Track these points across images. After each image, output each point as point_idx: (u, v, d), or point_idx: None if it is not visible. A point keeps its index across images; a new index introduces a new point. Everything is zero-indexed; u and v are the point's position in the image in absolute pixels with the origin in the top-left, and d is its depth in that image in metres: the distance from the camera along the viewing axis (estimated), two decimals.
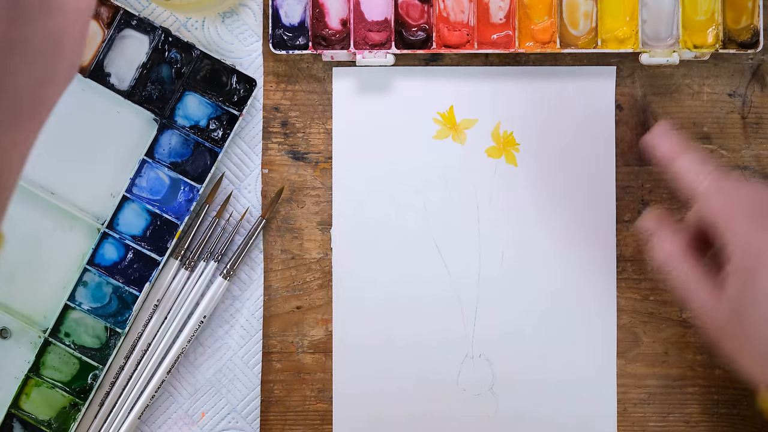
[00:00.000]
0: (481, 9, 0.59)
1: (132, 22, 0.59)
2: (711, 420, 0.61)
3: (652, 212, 0.52)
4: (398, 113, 0.61)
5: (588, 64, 0.61)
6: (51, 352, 0.59)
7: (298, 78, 0.61)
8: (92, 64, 0.59)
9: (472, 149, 0.61)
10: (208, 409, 0.61)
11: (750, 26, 0.59)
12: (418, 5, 0.60)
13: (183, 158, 0.59)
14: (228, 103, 0.59)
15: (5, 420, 0.59)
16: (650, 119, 0.61)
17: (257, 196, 0.61)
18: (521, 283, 0.61)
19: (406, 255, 0.61)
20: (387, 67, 0.61)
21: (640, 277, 0.61)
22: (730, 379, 0.61)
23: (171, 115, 0.59)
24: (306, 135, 0.61)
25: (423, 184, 0.61)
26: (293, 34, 0.60)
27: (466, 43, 0.60)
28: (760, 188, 0.44)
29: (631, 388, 0.61)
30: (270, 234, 0.61)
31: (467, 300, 0.61)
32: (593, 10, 0.59)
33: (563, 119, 0.61)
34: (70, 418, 0.59)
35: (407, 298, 0.61)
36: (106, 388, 0.60)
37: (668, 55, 0.59)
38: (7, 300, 0.60)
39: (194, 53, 0.59)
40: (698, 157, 0.49)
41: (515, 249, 0.61)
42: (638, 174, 0.61)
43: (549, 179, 0.61)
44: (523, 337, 0.61)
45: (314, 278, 0.61)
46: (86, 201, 0.60)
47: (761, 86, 0.61)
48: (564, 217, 0.61)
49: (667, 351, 0.61)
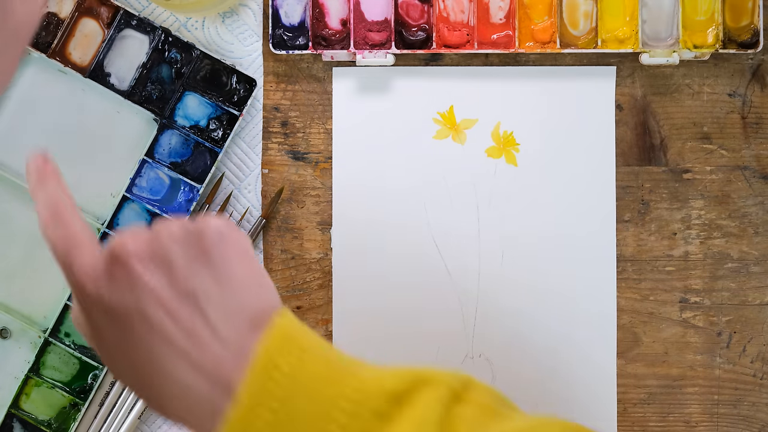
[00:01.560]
0: (481, 9, 0.59)
1: (132, 22, 0.59)
2: (711, 420, 0.61)
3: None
4: (398, 113, 0.61)
5: (588, 64, 0.61)
6: (51, 352, 0.59)
7: (298, 78, 0.61)
8: (92, 64, 0.59)
9: (472, 149, 0.61)
10: None
11: (750, 26, 0.59)
12: (418, 5, 0.60)
13: (183, 158, 0.59)
14: (228, 103, 0.59)
15: (5, 420, 0.59)
16: (650, 119, 0.61)
17: (257, 196, 0.61)
18: (521, 282, 0.61)
19: (406, 255, 0.61)
20: (387, 67, 0.61)
21: (640, 277, 0.61)
22: (730, 379, 0.61)
23: (171, 115, 0.59)
24: (306, 135, 0.61)
25: (423, 184, 0.61)
26: (293, 34, 0.60)
27: (466, 43, 0.60)
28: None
29: (631, 388, 0.61)
30: (270, 234, 0.61)
31: (467, 300, 0.61)
32: (593, 10, 0.59)
33: (563, 119, 0.61)
34: (70, 418, 0.59)
35: (407, 298, 0.61)
36: (106, 388, 0.60)
37: (668, 55, 0.59)
38: (7, 300, 0.60)
39: (194, 53, 0.59)
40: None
41: (515, 249, 0.61)
42: (638, 174, 0.61)
43: (549, 179, 0.61)
44: (523, 337, 0.61)
45: (314, 278, 0.61)
46: (86, 201, 0.60)
47: (761, 86, 0.61)
48: (564, 218, 0.61)
49: (667, 351, 0.61)
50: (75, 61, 0.59)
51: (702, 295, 0.61)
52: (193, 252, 0.40)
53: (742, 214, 0.61)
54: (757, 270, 0.61)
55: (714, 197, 0.61)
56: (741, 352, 0.61)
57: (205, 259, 0.40)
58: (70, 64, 0.59)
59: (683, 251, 0.61)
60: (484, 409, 0.40)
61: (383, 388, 0.38)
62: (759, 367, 0.61)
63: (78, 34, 0.59)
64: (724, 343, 0.61)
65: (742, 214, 0.61)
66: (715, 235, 0.61)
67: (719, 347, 0.61)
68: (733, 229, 0.61)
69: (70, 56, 0.59)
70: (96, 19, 0.59)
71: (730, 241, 0.61)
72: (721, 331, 0.61)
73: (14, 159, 0.60)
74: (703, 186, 0.61)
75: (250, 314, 0.39)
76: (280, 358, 0.38)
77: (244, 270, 0.41)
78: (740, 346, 0.61)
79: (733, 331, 0.61)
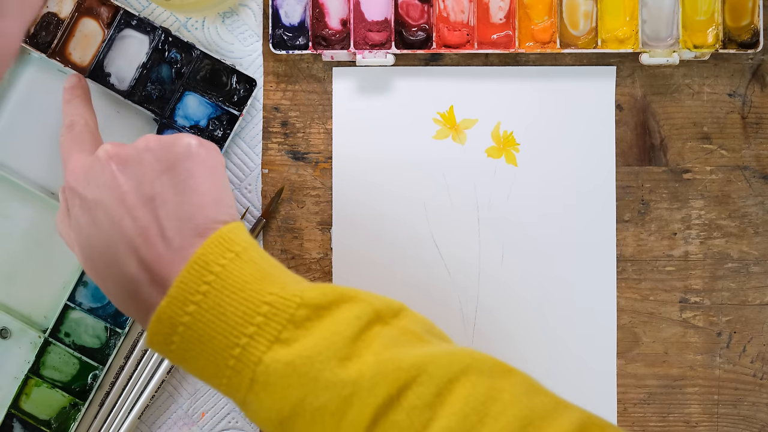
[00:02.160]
0: (481, 9, 0.59)
1: (132, 22, 0.59)
2: (711, 420, 0.61)
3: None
4: (398, 113, 0.61)
5: (588, 64, 0.61)
6: (51, 352, 0.59)
7: (298, 78, 0.61)
8: (92, 64, 0.59)
9: (472, 149, 0.61)
10: (208, 409, 0.61)
11: (750, 26, 0.59)
12: (418, 5, 0.60)
13: None
14: (228, 103, 0.59)
15: (5, 420, 0.59)
16: (650, 119, 0.61)
17: (257, 196, 0.61)
18: (521, 282, 0.61)
19: (405, 255, 0.61)
20: (387, 67, 0.61)
21: (640, 277, 0.61)
22: (730, 379, 0.61)
23: (171, 115, 0.59)
24: (306, 135, 0.61)
25: (423, 184, 0.61)
26: (293, 34, 0.60)
27: (466, 43, 0.60)
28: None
29: (631, 388, 0.61)
30: (270, 234, 0.61)
31: (467, 300, 0.61)
32: (593, 10, 0.59)
33: (563, 119, 0.61)
34: (70, 418, 0.59)
35: (407, 298, 0.61)
36: (106, 388, 0.60)
37: (668, 55, 0.59)
38: (7, 300, 0.60)
39: (194, 53, 0.59)
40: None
41: (515, 249, 0.61)
42: (638, 174, 0.61)
43: (549, 179, 0.61)
44: (522, 337, 0.61)
45: (314, 278, 0.61)
46: None
47: (761, 86, 0.61)
48: (564, 217, 0.61)
49: (667, 351, 0.61)
50: (75, 61, 0.59)
51: (702, 295, 0.61)
52: (162, 163, 0.45)
53: (742, 214, 0.61)
54: (757, 270, 0.61)
55: (714, 197, 0.61)
56: (741, 352, 0.61)
57: (171, 171, 0.45)
58: (70, 64, 0.59)
59: (683, 251, 0.61)
60: (407, 332, 0.43)
61: (303, 298, 0.42)
62: (759, 367, 0.61)
63: (78, 34, 0.59)
64: (724, 343, 0.61)
65: (742, 214, 0.61)
66: (715, 235, 0.61)
67: (719, 347, 0.61)
68: (733, 229, 0.61)
69: (70, 56, 0.59)
70: (96, 19, 0.59)
71: (730, 241, 0.61)
72: (721, 331, 0.61)
73: (14, 159, 0.60)
74: (703, 186, 0.61)
75: (201, 224, 0.44)
76: (212, 260, 0.42)
77: (206, 185, 0.45)
78: (740, 346, 0.61)
79: (733, 331, 0.61)
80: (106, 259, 0.44)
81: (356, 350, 0.41)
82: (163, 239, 0.44)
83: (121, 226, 0.44)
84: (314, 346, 0.41)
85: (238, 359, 0.41)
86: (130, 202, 0.44)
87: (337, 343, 0.41)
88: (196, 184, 0.45)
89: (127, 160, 0.45)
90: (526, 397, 0.41)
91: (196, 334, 0.41)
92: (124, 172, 0.45)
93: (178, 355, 0.42)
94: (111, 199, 0.44)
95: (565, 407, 0.42)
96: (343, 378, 0.40)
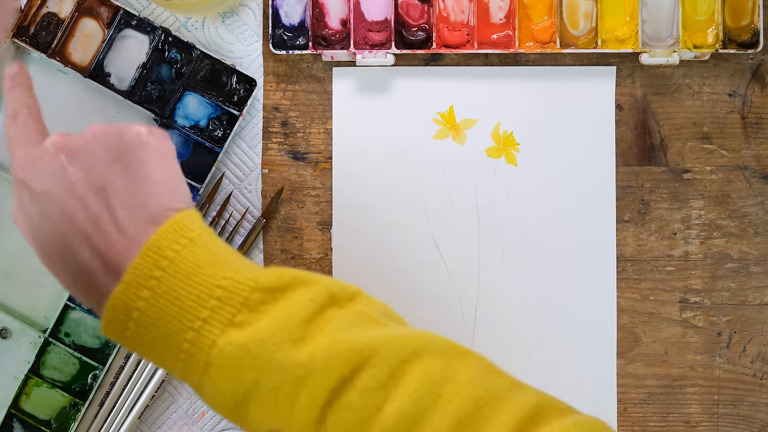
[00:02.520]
0: (481, 9, 0.59)
1: (132, 22, 0.59)
2: (711, 420, 0.61)
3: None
4: (398, 113, 0.61)
5: (588, 64, 0.61)
6: (51, 352, 0.59)
7: (298, 78, 0.61)
8: (92, 64, 0.59)
9: (472, 149, 0.61)
10: (208, 408, 0.61)
11: (750, 26, 0.59)
12: (418, 5, 0.60)
13: (183, 158, 0.59)
14: (228, 103, 0.59)
15: (5, 420, 0.59)
16: (650, 119, 0.61)
17: (257, 196, 0.61)
18: (521, 282, 0.61)
19: (405, 255, 0.61)
20: (387, 67, 0.61)
21: (640, 277, 0.61)
22: (730, 379, 0.61)
23: (171, 115, 0.59)
24: (306, 135, 0.61)
25: (423, 184, 0.61)
26: (293, 34, 0.60)
27: (466, 43, 0.60)
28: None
29: (631, 388, 0.61)
30: (270, 234, 0.61)
31: (467, 300, 0.61)
32: (593, 10, 0.59)
33: (563, 119, 0.61)
34: (70, 418, 0.59)
35: (407, 298, 0.61)
36: (106, 388, 0.60)
37: (668, 55, 0.59)
38: (7, 300, 0.60)
39: (194, 53, 0.59)
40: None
41: (515, 249, 0.61)
42: (638, 174, 0.61)
43: (549, 179, 0.61)
44: (522, 337, 0.61)
45: None
46: None
47: (761, 86, 0.61)
48: (564, 217, 0.61)
49: (667, 351, 0.61)
50: (75, 61, 0.59)
51: (702, 295, 0.61)
52: (112, 153, 0.45)
53: (742, 214, 0.61)
54: (757, 270, 0.61)
55: (714, 197, 0.61)
56: (741, 352, 0.61)
57: (121, 160, 0.45)
58: (70, 64, 0.59)
59: (683, 251, 0.61)
60: (362, 315, 0.43)
61: (257, 281, 0.42)
62: (759, 367, 0.61)
63: (78, 34, 0.59)
64: (724, 343, 0.61)
65: (742, 214, 0.61)
66: (715, 235, 0.61)
67: (719, 347, 0.61)
68: (733, 229, 0.61)
69: (70, 56, 0.59)
70: (96, 19, 0.59)
71: (730, 241, 0.61)
72: (721, 331, 0.61)
73: None
74: (703, 186, 0.61)
75: (154, 211, 0.44)
76: (166, 246, 0.42)
77: (158, 173, 0.45)
78: (740, 346, 0.61)
79: (733, 331, 0.61)
80: (59, 249, 0.44)
81: (310, 332, 0.41)
82: (116, 227, 0.44)
83: (72, 216, 0.44)
84: (268, 329, 0.41)
85: (192, 343, 0.41)
86: (80, 191, 0.44)
87: (290, 325, 0.41)
88: (148, 172, 0.45)
89: (77, 151, 0.45)
90: (482, 378, 0.41)
91: (151, 319, 0.42)
92: (73, 162, 0.45)
93: (133, 341, 0.42)
94: (61, 190, 0.44)
95: (520, 388, 0.42)
96: (295, 360, 0.41)
